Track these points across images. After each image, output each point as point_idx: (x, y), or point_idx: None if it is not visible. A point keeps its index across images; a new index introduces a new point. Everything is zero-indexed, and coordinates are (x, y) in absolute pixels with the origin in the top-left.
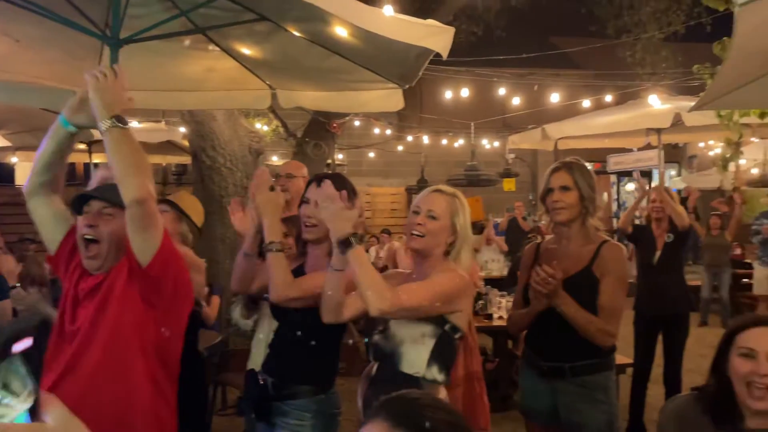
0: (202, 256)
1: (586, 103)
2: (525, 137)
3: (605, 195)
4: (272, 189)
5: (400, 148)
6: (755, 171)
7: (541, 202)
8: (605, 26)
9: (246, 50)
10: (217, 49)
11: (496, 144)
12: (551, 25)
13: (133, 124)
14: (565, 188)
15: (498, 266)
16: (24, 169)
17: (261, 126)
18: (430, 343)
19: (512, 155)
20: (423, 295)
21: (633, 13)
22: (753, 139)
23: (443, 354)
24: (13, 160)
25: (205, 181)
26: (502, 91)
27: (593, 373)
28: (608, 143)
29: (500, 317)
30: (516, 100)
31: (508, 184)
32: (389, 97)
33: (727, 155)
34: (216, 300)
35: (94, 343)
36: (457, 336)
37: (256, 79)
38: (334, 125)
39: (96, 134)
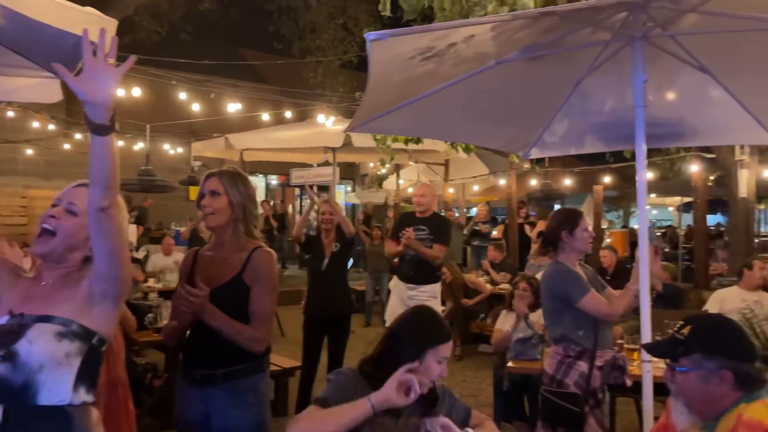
0: None
1: (266, 116)
2: (209, 145)
3: (290, 207)
4: None
5: (66, 146)
6: (411, 190)
7: (198, 208)
8: (291, 46)
9: None
10: None
11: (180, 150)
12: (240, 37)
13: None
14: (214, 193)
15: (175, 277)
16: None
17: None
18: (76, 363)
19: (198, 163)
20: None
21: (315, 38)
22: (411, 162)
23: (90, 371)
24: None
25: None
26: (182, 95)
27: (244, 377)
28: (291, 157)
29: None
30: (196, 107)
31: (194, 192)
32: (44, 88)
33: (380, 173)
34: None
35: None
36: (104, 348)
37: None
38: None
39: None
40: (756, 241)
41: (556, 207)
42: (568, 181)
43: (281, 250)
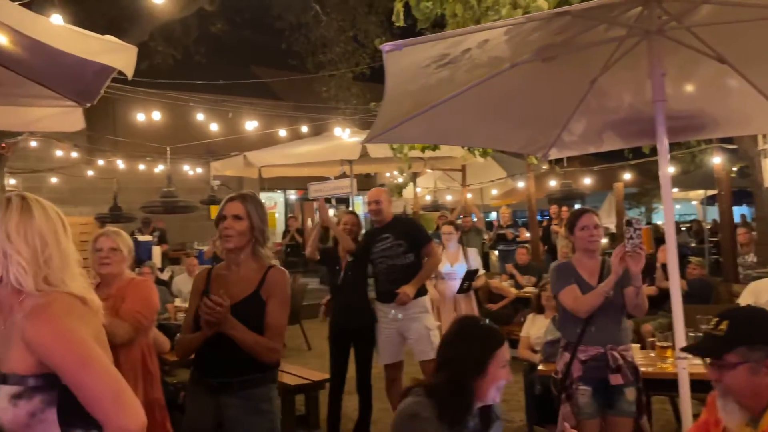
0: None
1: (283, 132)
2: (228, 164)
3: (309, 221)
4: None
5: (90, 173)
6: (429, 198)
7: (216, 228)
8: (304, 61)
9: None
10: None
11: (200, 170)
12: (253, 56)
13: None
14: (237, 217)
15: None
16: None
17: None
18: (51, 416)
19: (217, 182)
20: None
21: (326, 52)
22: (427, 170)
23: (73, 409)
24: None
25: None
26: (200, 116)
27: (258, 386)
28: (309, 171)
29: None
30: (214, 126)
31: (215, 212)
32: (67, 116)
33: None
34: None
35: None
36: None
37: None
38: (3, 145)
39: None
40: None
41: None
42: (587, 180)
43: (305, 264)
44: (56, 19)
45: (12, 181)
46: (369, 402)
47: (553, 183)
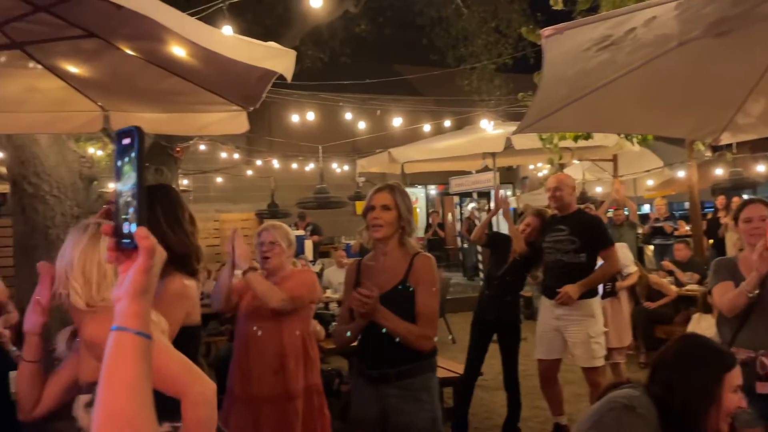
0: (26, 295)
1: (427, 127)
2: (373, 161)
3: (449, 215)
4: None
5: (249, 172)
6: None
7: (363, 219)
8: (445, 56)
9: (73, 68)
10: (39, 66)
11: (346, 168)
12: (395, 53)
13: None
14: (385, 207)
15: None
16: None
17: (95, 151)
18: None
19: (362, 178)
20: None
21: (468, 45)
22: (574, 161)
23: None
24: None
25: (26, 212)
26: (348, 115)
27: (416, 376)
28: (450, 166)
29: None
30: (362, 125)
31: (360, 207)
32: (233, 120)
33: (542, 174)
34: None
35: None
36: None
37: (87, 101)
38: (178, 149)
39: None
40: None
41: (745, 197)
42: (761, 168)
43: (447, 259)
44: (227, 30)
45: (185, 182)
46: (517, 399)
47: (719, 171)
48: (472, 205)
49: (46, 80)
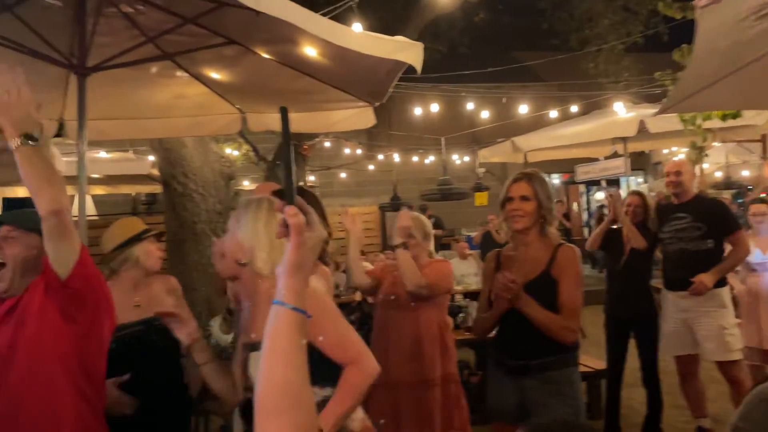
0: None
1: (554, 113)
2: (495, 150)
3: (575, 205)
4: None
5: (371, 167)
6: (719, 174)
7: (501, 209)
8: (567, 39)
9: (215, 74)
10: (186, 74)
11: (466, 159)
12: (513, 40)
13: (101, 154)
14: (524, 198)
15: (475, 280)
16: None
17: (231, 151)
18: None
19: (482, 169)
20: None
21: (593, 26)
22: (715, 143)
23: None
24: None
25: (176, 209)
26: (470, 105)
27: (558, 369)
28: (576, 153)
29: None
30: (485, 114)
31: (480, 198)
32: (360, 116)
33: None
34: None
35: (15, 361)
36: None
37: (226, 104)
38: (305, 147)
39: (59, 166)
40: None
41: None
42: None
43: None
44: (357, 27)
45: (311, 178)
46: (657, 396)
47: None
48: (599, 194)
49: (191, 87)
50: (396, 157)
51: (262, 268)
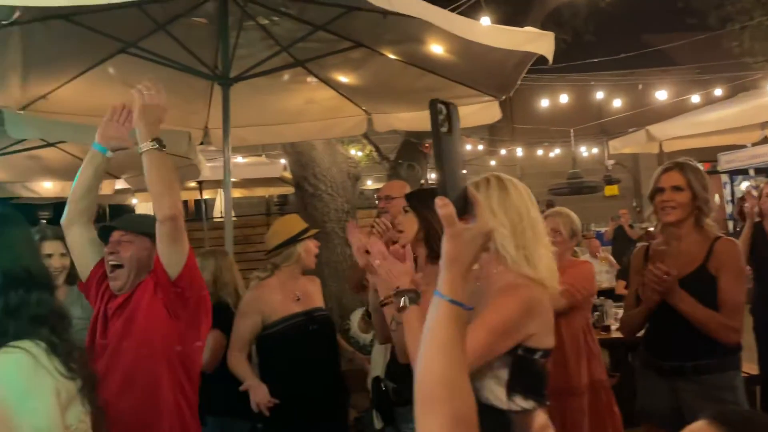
0: None
1: (695, 98)
2: (627, 141)
3: (716, 196)
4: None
5: (492, 162)
6: None
7: (650, 201)
8: (705, 18)
9: (343, 78)
10: (315, 80)
11: (595, 151)
12: (642, 23)
13: (238, 159)
14: (677, 188)
15: (608, 277)
16: (142, 209)
17: (355, 152)
18: (503, 375)
19: (612, 161)
20: (480, 344)
21: (735, 1)
22: None
23: (524, 380)
24: (134, 201)
25: (308, 209)
26: (599, 95)
27: (717, 372)
28: (718, 141)
29: (618, 329)
30: (617, 103)
31: (611, 191)
32: (485, 110)
33: None
34: None
35: (123, 354)
36: (536, 356)
37: (353, 106)
38: (426, 145)
39: (204, 171)
40: None
41: None
42: None
43: None
44: (485, 21)
45: (433, 176)
46: None
47: None
48: (745, 183)
49: (320, 91)
50: (519, 152)
51: (509, 249)
